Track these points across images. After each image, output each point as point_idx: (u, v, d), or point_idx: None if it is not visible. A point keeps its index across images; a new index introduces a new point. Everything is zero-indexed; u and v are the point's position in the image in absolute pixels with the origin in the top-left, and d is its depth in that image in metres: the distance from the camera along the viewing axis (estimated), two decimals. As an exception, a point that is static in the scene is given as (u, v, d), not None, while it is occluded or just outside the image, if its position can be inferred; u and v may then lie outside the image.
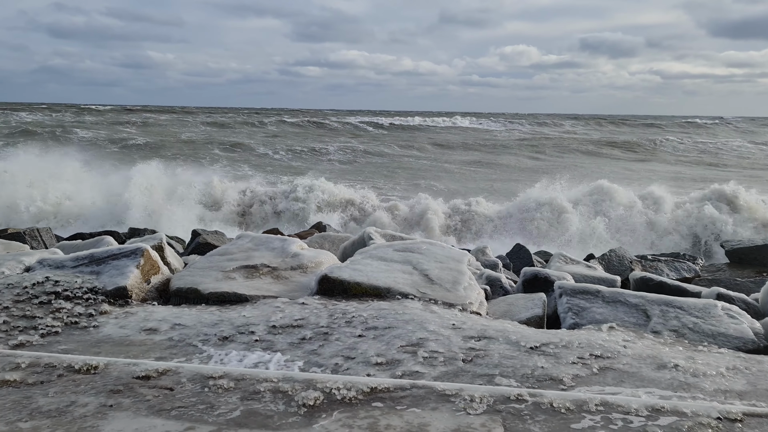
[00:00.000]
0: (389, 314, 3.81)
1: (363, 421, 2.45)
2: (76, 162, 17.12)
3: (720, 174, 26.36)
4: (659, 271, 8.67)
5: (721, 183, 14.63)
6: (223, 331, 3.59)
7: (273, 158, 29.41)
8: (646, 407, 2.59)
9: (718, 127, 68.59)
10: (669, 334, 3.92)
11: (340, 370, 3.06)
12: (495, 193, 18.61)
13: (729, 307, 4.33)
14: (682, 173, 28.08)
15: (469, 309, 4.21)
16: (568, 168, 25.20)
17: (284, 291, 4.53)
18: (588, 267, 7.00)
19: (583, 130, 56.48)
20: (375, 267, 4.72)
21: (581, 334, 3.69)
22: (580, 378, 3.00)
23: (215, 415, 2.49)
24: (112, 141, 32.41)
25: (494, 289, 5.60)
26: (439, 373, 3.02)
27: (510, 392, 2.70)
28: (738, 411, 2.58)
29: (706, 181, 19.19)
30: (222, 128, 45.50)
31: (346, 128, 49.73)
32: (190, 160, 25.03)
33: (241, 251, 5.33)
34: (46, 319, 3.73)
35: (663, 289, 5.62)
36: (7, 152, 19.45)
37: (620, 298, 4.39)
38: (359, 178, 22.48)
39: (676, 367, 3.18)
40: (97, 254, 4.71)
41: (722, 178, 18.47)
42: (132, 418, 2.45)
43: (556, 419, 2.50)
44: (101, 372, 2.89)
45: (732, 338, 3.90)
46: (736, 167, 31.51)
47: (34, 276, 4.36)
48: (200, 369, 2.93)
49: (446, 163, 29.79)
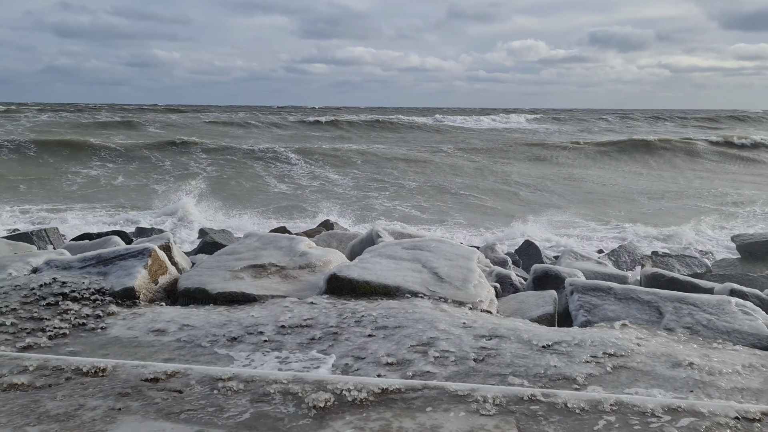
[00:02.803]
0: (399, 313, 3.77)
1: (375, 423, 2.41)
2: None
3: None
4: (670, 267, 8.59)
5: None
6: (231, 332, 3.56)
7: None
8: (662, 407, 2.54)
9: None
10: (683, 332, 3.86)
11: (351, 371, 3.03)
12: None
13: (743, 303, 4.26)
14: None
15: (480, 307, 4.17)
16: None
17: (293, 290, 4.50)
18: (598, 263, 6.94)
19: (658, 129, 49.78)
20: (384, 265, 4.68)
21: (594, 332, 3.64)
22: (594, 377, 2.95)
23: (225, 417, 2.46)
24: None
25: (504, 286, 5.55)
26: (451, 373, 2.97)
27: (523, 392, 2.65)
28: (756, 410, 2.52)
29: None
30: (317, 131, 39.63)
31: (449, 131, 43.23)
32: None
33: (249, 250, 5.30)
34: (54, 320, 3.71)
35: (675, 285, 5.55)
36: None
37: (632, 295, 4.33)
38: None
39: (692, 366, 3.12)
40: (104, 255, 4.70)
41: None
42: (141, 421, 2.42)
43: (570, 420, 2.45)
44: (109, 374, 2.86)
45: (747, 335, 3.84)
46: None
47: (42, 277, 4.35)
48: (209, 371, 2.90)
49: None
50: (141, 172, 22.14)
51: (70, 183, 19.53)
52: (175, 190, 16.68)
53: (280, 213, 15.38)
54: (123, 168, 22.57)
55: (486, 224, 14.19)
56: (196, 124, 45.12)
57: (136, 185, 19.40)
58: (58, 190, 18.17)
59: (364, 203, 17.15)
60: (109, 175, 21.22)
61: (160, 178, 20.98)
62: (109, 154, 24.78)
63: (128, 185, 19.42)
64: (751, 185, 21.57)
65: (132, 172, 21.86)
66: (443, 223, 14.21)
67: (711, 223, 13.53)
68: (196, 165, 23.46)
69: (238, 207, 15.10)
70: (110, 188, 18.86)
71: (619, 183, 22.03)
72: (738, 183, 22.17)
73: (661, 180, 23.06)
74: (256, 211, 15.02)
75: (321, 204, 16.33)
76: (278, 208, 16.01)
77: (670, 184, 21.84)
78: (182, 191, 16.03)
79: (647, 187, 21.07)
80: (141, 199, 16.37)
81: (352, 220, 13.95)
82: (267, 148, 27.08)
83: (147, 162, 24.00)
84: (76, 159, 23.61)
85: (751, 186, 21.36)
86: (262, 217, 14.44)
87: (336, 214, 14.08)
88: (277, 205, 16.50)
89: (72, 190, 18.33)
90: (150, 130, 39.21)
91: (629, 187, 20.99)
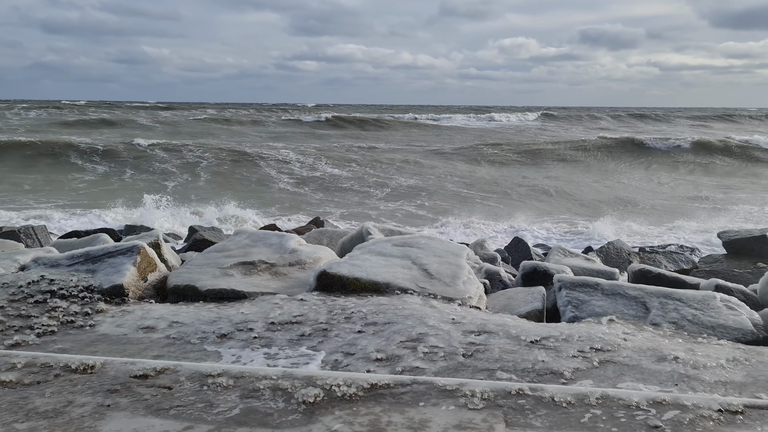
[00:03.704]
0: (389, 309, 3.79)
1: (364, 417, 2.43)
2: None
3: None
4: (657, 263, 8.67)
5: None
6: (221, 329, 3.56)
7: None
8: (647, 400, 2.58)
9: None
10: (668, 326, 3.91)
11: (340, 367, 3.04)
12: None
13: (728, 298, 4.32)
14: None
15: (469, 303, 4.19)
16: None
17: (282, 287, 4.50)
18: (587, 260, 7.00)
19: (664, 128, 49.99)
20: (374, 262, 4.70)
21: (581, 328, 3.67)
22: (581, 371, 2.99)
23: (214, 413, 2.47)
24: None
25: (493, 282, 5.59)
26: (440, 368, 3.00)
27: (511, 387, 2.68)
28: (739, 403, 2.57)
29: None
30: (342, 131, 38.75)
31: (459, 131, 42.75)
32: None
33: (239, 248, 5.30)
34: (42, 318, 3.70)
35: (661, 281, 5.61)
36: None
37: (619, 291, 4.38)
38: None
39: (677, 360, 3.17)
40: (92, 252, 4.68)
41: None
42: (130, 418, 2.42)
43: (557, 414, 2.48)
44: (98, 371, 2.86)
45: (731, 330, 3.89)
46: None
47: (30, 275, 4.33)
48: (199, 367, 2.91)
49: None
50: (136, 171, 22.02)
51: (70, 182, 19.44)
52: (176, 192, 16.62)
53: (280, 212, 15.40)
54: (120, 167, 22.44)
55: (483, 223, 14.37)
56: (187, 122, 44.73)
57: (137, 185, 19.31)
58: (60, 190, 18.08)
59: (363, 203, 17.18)
60: (109, 174, 21.15)
61: (160, 178, 20.91)
62: (94, 153, 24.58)
63: (129, 184, 19.36)
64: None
65: (130, 172, 21.75)
66: (442, 222, 14.33)
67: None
68: (192, 165, 23.27)
69: (242, 206, 15.07)
70: (114, 188, 18.81)
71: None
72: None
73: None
74: (256, 210, 15.06)
75: (317, 203, 16.34)
76: (282, 208, 16.05)
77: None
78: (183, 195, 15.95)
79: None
80: (137, 198, 16.25)
81: (349, 218, 13.99)
82: (266, 148, 26.92)
83: (145, 162, 23.83)
84: (61, 159, 23.39)
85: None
86: (264, 216, 14.51)
87: (334, 210, 14.09)
88: (281, 206, 16.53)
89: (66, 189, 18.24)
90: (146, 127, 38.93)
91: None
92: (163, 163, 23.32)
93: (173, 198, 15.75)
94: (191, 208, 14.64)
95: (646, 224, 14.04)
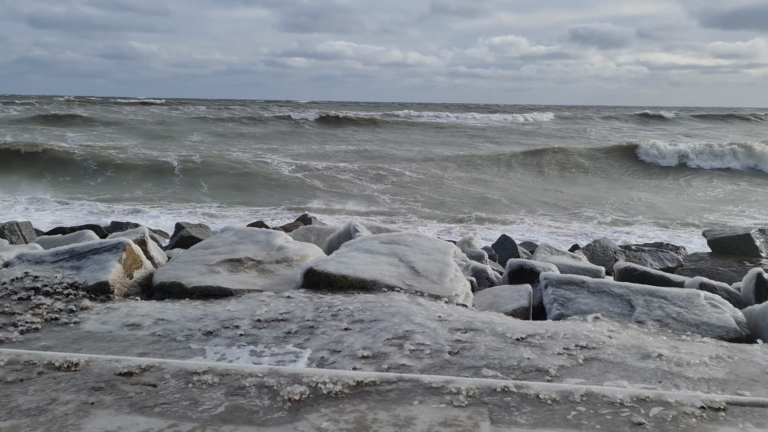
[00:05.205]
0: (375, 307, 3.79)
1: (349, 415, 2.43)
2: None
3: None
4: (643, 261, 8.74)
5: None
6: (207, 326, 3.55)
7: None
8: (631, 397, 2.60)
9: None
10: (653, 324, 3.94)
11: (327, 364, 3.04)
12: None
13: (711, 296, 4.36)
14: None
15: (455, 301, 4.20)
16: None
17: (269, 285, 4.49)
18: (573, 258, 7.04)
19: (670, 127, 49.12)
20: (361, 260, 4.70)
21: (567, 325, 3.70)
22: (566, 369, 3.01)
23: (199, 411, 2.46)
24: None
25: (480, 280, 5.60)
26: (426, 365, 3.01)
27: (496, 384, 2.69)
28: (721, 400, 2.60)
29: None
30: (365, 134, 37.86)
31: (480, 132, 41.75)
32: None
33: (226, 245, 5.27)
34: (26, 315, 3.66)
35: (647, 279, 5.66)
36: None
37: (605, 289, 4.41)
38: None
39: (660, 357, 3.20)
40: (77, 249, 4.63)
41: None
42: (114, 415, 2.41)
43: (542, 410, 2.50)
44: (82, 369, 2.84)
45: (715, 327, 3.94)
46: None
47: (13, 271, 4.28)
48: (184, 364, 2.89)
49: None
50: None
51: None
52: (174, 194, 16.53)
53: (268, 209, 15.38)
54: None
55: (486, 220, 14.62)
56: (176, 117, 44.40)
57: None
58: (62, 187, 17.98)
59: (363, 202, 17.21)
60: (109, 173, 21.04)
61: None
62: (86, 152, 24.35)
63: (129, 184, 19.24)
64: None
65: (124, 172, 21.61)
66: (441, 220, 14.44)
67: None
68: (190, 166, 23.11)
69: (236, 205, 15.02)
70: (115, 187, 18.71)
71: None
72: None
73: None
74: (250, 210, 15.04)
75: (309, 201, 16.34)
76: (269, 204, 16.02)
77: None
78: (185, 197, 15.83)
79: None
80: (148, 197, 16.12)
81: (346, 216, 14.04)
82: (267, 149, 26.76)
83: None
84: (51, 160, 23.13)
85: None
86: (251, 214, 14.51)
87: (324, 206, 14.14)
88: (268, 202, 16.49)
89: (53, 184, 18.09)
90: (142, 125, 38.65)
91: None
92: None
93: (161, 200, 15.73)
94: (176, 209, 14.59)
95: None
